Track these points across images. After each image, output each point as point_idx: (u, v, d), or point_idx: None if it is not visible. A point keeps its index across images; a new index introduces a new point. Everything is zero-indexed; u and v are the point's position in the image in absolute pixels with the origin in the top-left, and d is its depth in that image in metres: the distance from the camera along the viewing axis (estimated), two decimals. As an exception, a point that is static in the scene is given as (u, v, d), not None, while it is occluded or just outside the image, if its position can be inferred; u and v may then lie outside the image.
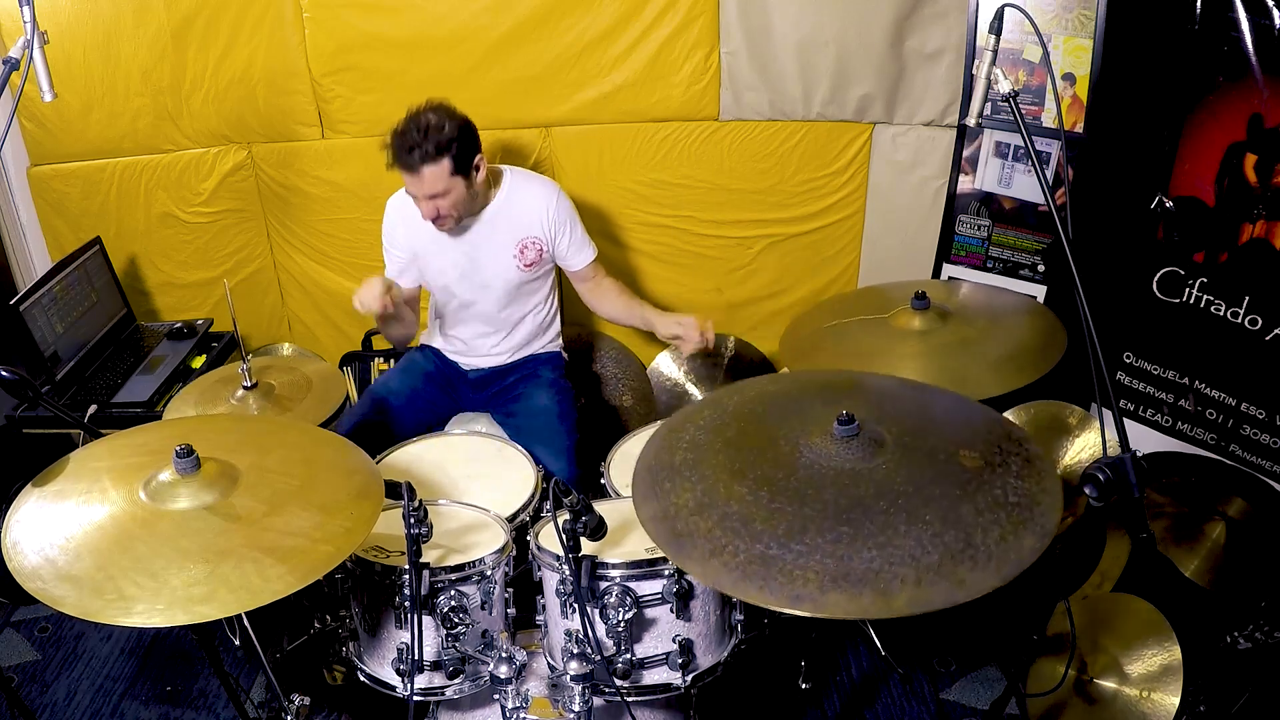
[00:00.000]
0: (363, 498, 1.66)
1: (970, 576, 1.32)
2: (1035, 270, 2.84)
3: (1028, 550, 1.36)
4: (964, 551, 1.35)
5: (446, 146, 2.33)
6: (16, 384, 1.78)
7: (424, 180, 2.34)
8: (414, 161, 2.32)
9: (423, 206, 2.41)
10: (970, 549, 1.36)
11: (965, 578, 1.32)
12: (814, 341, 2.23)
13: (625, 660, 1.79)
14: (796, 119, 3.00)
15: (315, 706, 2.39)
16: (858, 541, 1.38)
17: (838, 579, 1.33)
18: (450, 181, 2.37)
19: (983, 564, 1.34)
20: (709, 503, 1.51)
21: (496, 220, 2.55)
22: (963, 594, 1.30)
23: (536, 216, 2.57)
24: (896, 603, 1.30)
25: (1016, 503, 1.44)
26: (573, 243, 2.63)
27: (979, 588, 1.31)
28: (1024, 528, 1.40)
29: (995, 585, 1.31)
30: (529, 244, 2.57)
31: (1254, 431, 2.50)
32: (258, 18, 2.96)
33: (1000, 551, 1.35)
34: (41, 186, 3.24)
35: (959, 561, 1.34)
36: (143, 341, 3.15)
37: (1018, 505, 1.44)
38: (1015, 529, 1.39)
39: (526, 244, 2.57)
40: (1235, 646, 2.31)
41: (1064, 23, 2.56)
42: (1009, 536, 1.38)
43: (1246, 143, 2.34)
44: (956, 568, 1.33)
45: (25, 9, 1.84)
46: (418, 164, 2.32)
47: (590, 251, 2.69)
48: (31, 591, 1.44)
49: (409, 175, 2.36)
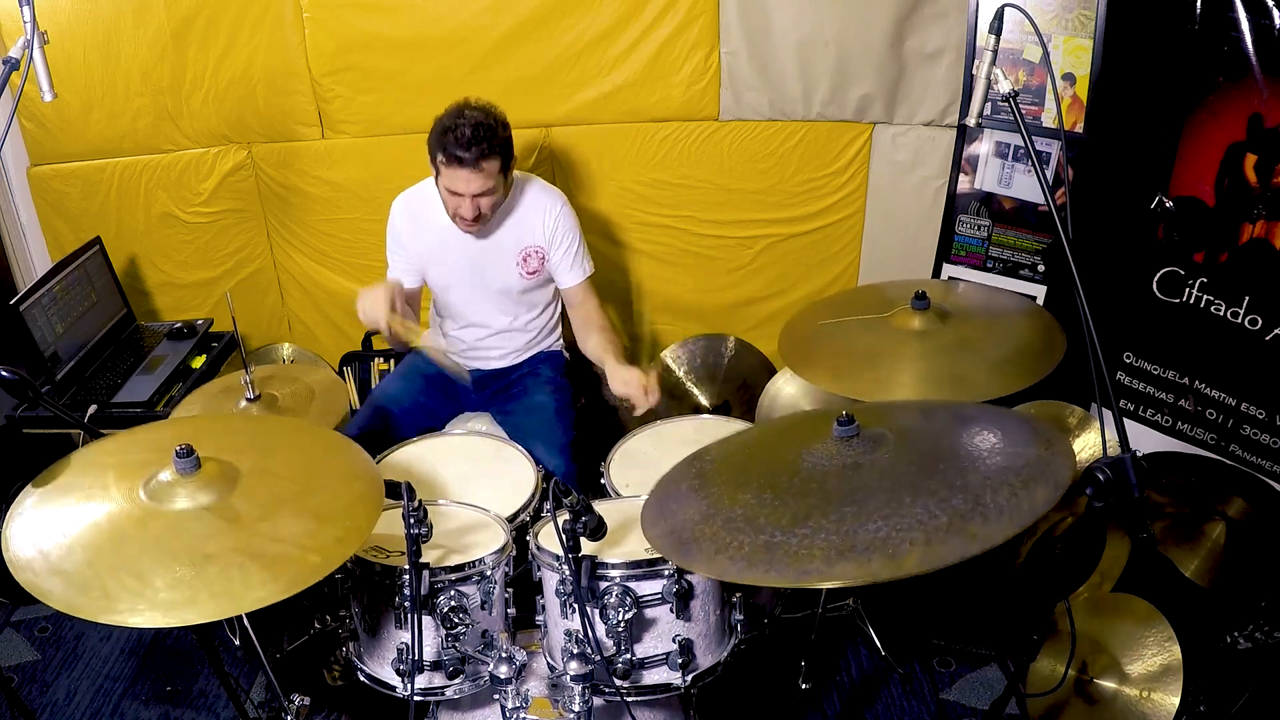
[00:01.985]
0: (361, 506, 1.66)
1: (982, 530, 1.29)
2: (1035, 270, 2.84)
3: (1040, 501, 1.33)
4: (974, 510, 1.32)
5: (504, 145, 2.34)
6: (16, 384, 1.77)
7: (479, 177, 2.32)
8: (473, 158, 2.29)
9: (464, 205, 2.37)
10: (980, 508, 1.33)
11: (977, 532, 1.29)
12: (812, 341, 2.23)
13: (625, 660, 1.79)
14: (796, 119, 3.00)
15: (315, 706, 2.39)
16: (862, 517, 1.36)
17: (844, 551, 1.31)
18: (498, 180, 2.36)
19: (994, 518, 1.31)
20: (714, 513, 1.51)
21: (502, 227, 2.54)
22: (975, 546, 1.26)
23: (539, 224, 2.55)
24: (907, 563, 1.27)
25: (1025, 464, 1.42)
26: (566, 256, 2.58)
27: (991, 539, 1.27)
28: (1035, 483, 1.37)
29: (1010, 534, 1.28)
30: (532, 253, 2.56)
31: (1254, 431, 2.50)
32: (258, 18, 2.96)
33: (1012, 505, 1.32)
34: (41, 186, 3.24)
35: (969, 519, 1.31)
36: (143, 341, 3.15)
37: (1027, 466, 1.41)
38: (1026, 484, 1.36)
39: (529, 252, 2.56)
40: (1235, 646, 2.31)
41: (1064, 23, 2.56)
42: (1019, 492, 1.35)
43: (1246, 143, 2.34)
44: (967, 525, 1.30)
45: (25, 9, 1.84)
46: (477, 160, 2.29)
47: (582, 272, 2.62)
48: (22, 583, 1.44)
49: (463, 171, 2.31)
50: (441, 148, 2.32)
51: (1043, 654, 2.31)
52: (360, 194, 3.17)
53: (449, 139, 2.30)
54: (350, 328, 3.41)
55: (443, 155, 2.33)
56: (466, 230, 2.47)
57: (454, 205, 2.40)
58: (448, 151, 2.31)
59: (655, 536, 1.54)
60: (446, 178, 2.36)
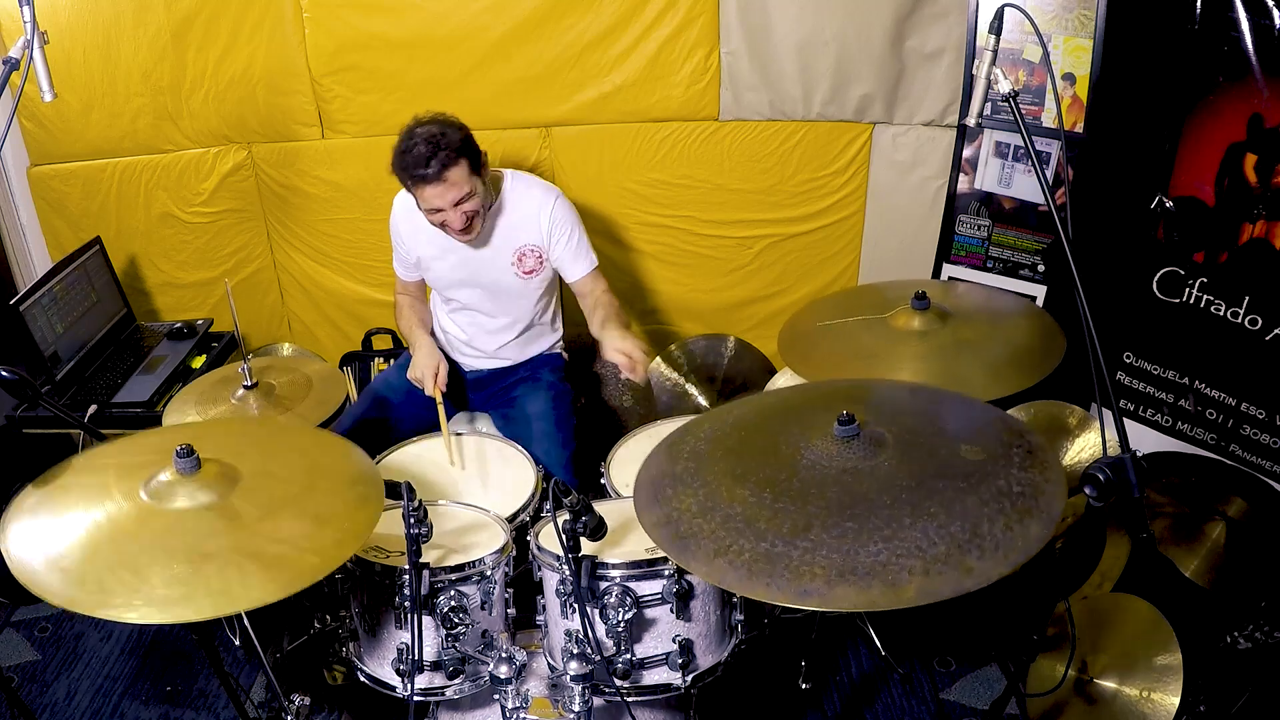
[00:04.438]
0: (360, 510, 1.66)
1: (978, 565, 1.32)
2: (1035, 270, 2.84)
3: (1034, 538, 1.36)
4: (970, 541, 1.36)
5: (461, 147, 2.29)
6: (16, 384, 1.77)
7: (450, 186, 2.28)
8: (434, 171, 2.25)
9: (452, 217, 2.34)
10: (977, 539, 1.36)
11: (973, 566, 1.32)
12: (812, 340, 2.23)
13: (625, 660, 1.79)
14: (796, 119, 3.00)
15: (315, 706, 2.39)
16: (863, 535, 1.38)
17: (845, 573, 1.33)
18: (472, 181, 2.32)
19: (990, 553, 1.34)
20: (711, 506, 1.51)
21: (496, 228, 2.52)
22: (971, 582, 1.30)
23: (534, 222, 2.52)
24: (906, 593, 1.30)
25: (1021, 492, 1.44)
26: (569, 249, 2.55)
27: (987, 576, 1.31)
28: (1029, 516, 1.40)
29: (1003, 573, 1.31)
30: (527, 252, 2.55)
31: (1254, 431, 2.50)
32: (258, 18, 2.96)
33: (1007, 540, 1.36)
34: (41, 186, 3.24)
35: (966, 551, 1.34)
36: (143, 341, 3.15)
37: (1022, 495, 1.44)
38: (1020, 518, 1.39)
39: (525, 252, 2.55)
40: (1235, 646, 2.31)
41: (1064, 23, 2.56)
42: (1014, 525, 1.38)
43: (1246, 143, 2.34)
44: (964, 557, 1.33)
45: (25, 9, 1.84)
46: (439, 171, 2.25)
47: (588, 263, 2.59)
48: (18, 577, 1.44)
49: (433, 187, 2.28)
50: (404, 171, 2.30)
51: (1043, 654, 2.31)
52: (360, 194, 3.17)
53: (407, 161, 2.28)
54: (350, 328, 3.41)
55: (408, 179, 2.31)
56: (464, 241, 2.45)
57: (440, 220, 2.37)
58: (410, 174, 2.29)
59: (651, 525, 1.53)
60: (421, 199, 2.34)
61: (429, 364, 2.50)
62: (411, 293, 2.77)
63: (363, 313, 3.37)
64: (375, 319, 3.34)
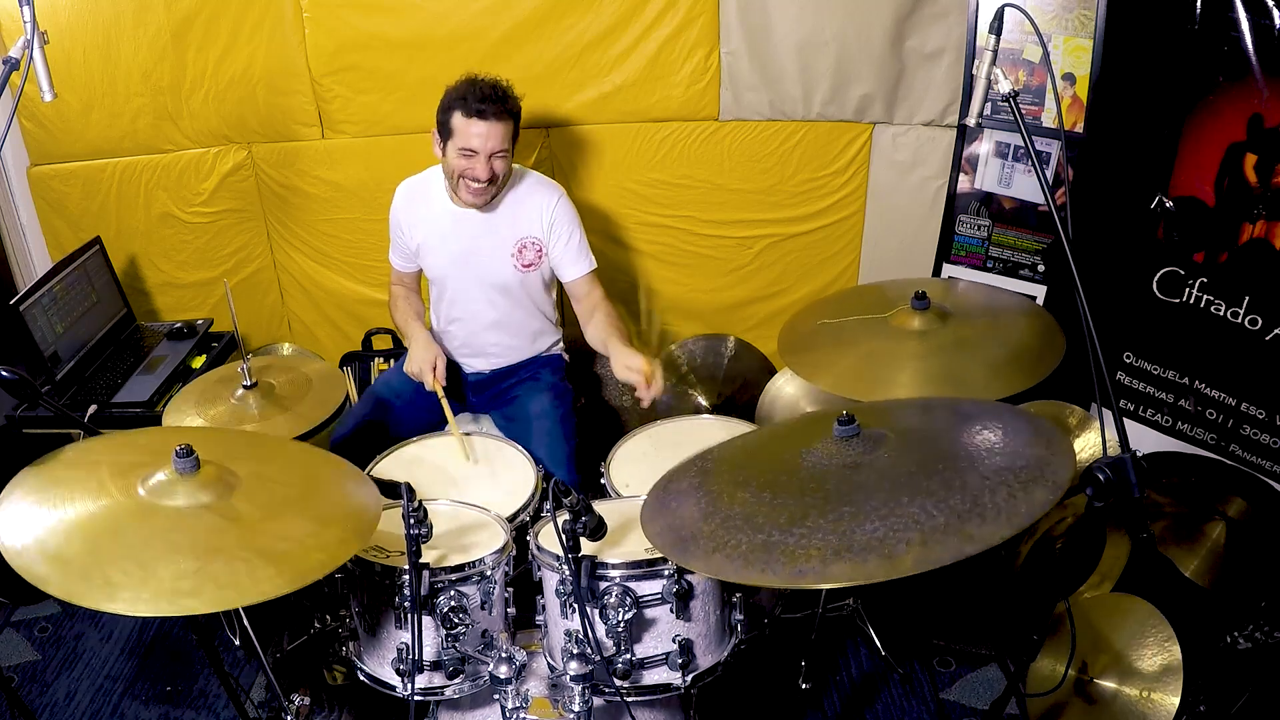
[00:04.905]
0: (359, 516, 1.66)
1: (979, 531, 1.29)
2: (1035, 270, 2.84)
3: (1038, 502, 1.33)
4: (971, 511, 1.32)
5: (517, 113, 2.42)
6: (16, 384, 1.78)
7: (497, 132, 2.36)
8: (494, 110, 2.34)
9: (479, 165, 2.38)
10: (978, 508, 1.33)
11: (974, 533, 1.29)
12: (812, 340, 2.23)
13: (625, 660, 1.79)
14: (796, 119, 3.00)
15: (315, 706, 2.39)
16: (860, 517, 1.36)
17: (840, 551, 1.31)
18: (510, 144, 2.41)
19: (991, 519, 1.31)
20: (713, 511, 1.51)
21: (499, 217, 2.54)
22: (971, 547, 1.26)
23: (537, 216, 2.55)
24: (903, 564, 1.27)
25: (1025, 465, 1.42)
26: (568, 249, 2.56)
27: (988, 540, 1.27)
28: (1034, 484, 1.37)
29: (1006, 535, 1.28)
30: (528, 244, 2.56)
31: (1254, 431, 2.50)
32: (258, 18, 2.96)
33: (1010, 506, 1.32)
34: (41, 186, 3.24)
35: (966, 520, 1.31)
36: (143, 341, 3.15)
37: (1026, 467, 1.41)
38: (1025, 486, 1.36)
39: (525, 244, 2.56)
40: (1235, 646, 2.31)
41: (1064, 23, 2.56)
42: (1018, 494, 1.35)
43: (1246, 143, 2.34)
44: (964, 525, 1.30)
45: (25, 9, 1.84)
46: (498, 112, 2.34)
47: (585, 265, 2.60)
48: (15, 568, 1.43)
49: (486, 124, 2.34)
50: (462, 102, 2.35)
51: (1043, 654, 2.31)
52: (360, 194, 3.17)
53: (471, 91, 2.35)
54: (350, 328, 3.41)
55: (463, 110, 2.35)
56: (473, 201, 2.46)
57: (466, 166, 2.39)
58: (469, 105, 2.34)
59: (654, 533, 1.53)
60: (462, 136, 2.37)
61: (426, 357, 2.51)
62: (406, 284, 2.78)
63: (363, 313, 3.37)
64: (375, 319, 3.34)
